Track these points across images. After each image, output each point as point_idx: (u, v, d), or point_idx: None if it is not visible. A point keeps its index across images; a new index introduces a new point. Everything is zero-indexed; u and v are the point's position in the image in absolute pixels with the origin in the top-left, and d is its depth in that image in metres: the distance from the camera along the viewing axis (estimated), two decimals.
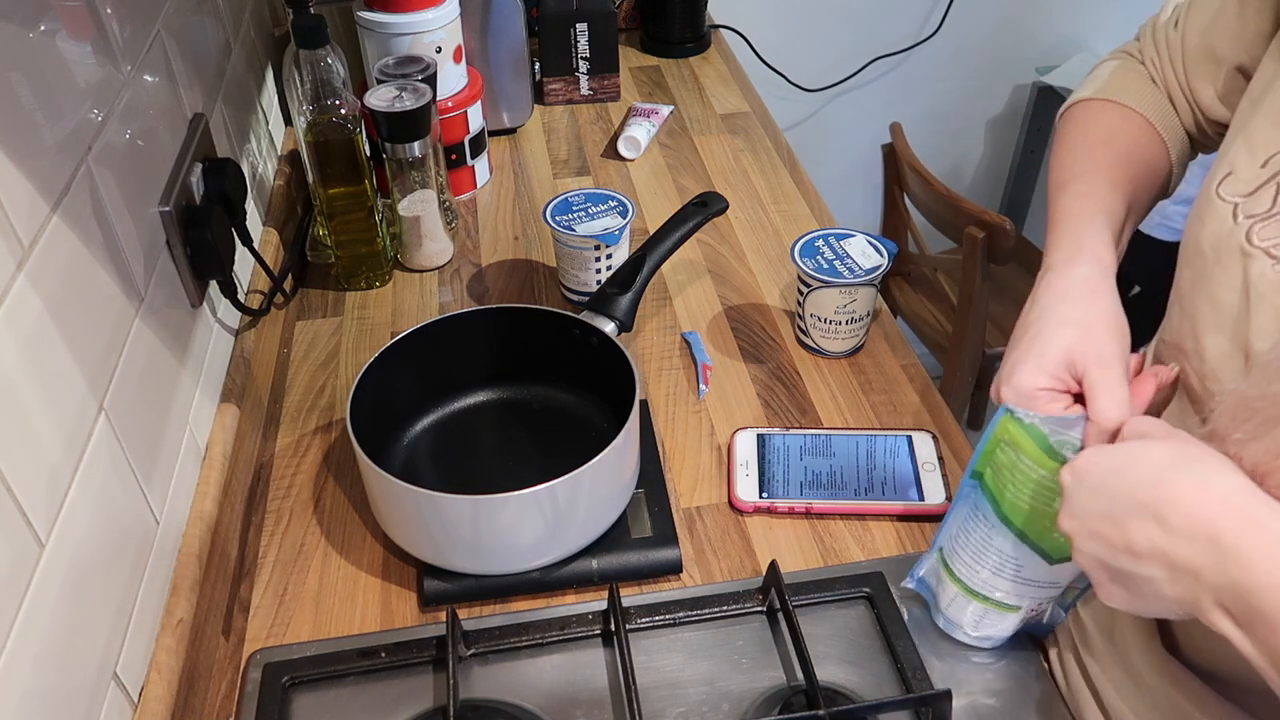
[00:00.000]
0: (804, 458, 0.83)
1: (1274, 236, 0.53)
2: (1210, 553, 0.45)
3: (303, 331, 1.01)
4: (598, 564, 0.74)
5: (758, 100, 1.44)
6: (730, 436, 0.85)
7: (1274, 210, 0.54)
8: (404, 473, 0.80)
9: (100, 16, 0.69)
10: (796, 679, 0.68)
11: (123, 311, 0.67)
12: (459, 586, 0.73)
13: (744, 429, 0.86)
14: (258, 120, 1.11)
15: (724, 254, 1.10)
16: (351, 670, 0.69)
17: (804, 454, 0.83)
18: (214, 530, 0.74)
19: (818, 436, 0.85)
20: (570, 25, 1.35)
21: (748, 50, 1.83)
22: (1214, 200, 0.58)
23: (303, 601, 0.75)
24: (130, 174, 0.71)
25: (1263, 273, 0.53)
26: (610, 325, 0.85)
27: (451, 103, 1.14)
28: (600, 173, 1.26)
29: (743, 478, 0.81)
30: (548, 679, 0.68)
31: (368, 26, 1.09)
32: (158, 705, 0.61)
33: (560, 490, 0.69)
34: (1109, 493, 0.50)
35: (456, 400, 0.87)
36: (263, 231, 1.03)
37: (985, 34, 2.07)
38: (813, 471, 0.82)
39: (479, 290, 1.06)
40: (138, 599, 0.64)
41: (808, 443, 0.84)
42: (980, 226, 1.48)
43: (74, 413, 0.58)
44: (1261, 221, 0.54)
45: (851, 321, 0.92)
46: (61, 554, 0.54)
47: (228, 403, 0.84)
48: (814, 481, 0.81)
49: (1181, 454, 0.50)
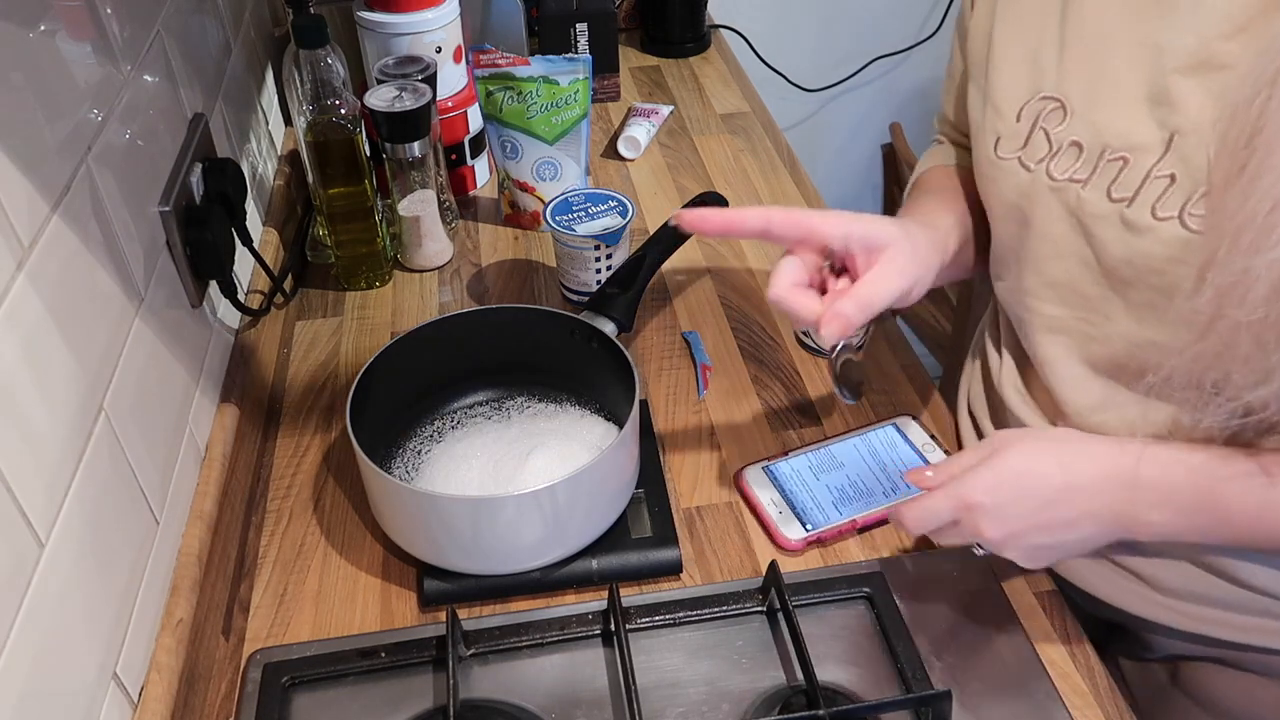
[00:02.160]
0: (819, 476, 0.81)
1: (1069, 166, 0.64)
2: (1121, 489, 0.61)
3: (303, 331, 1.01)
4: (598, 564, 0.74)
5: (758, 100, 1.44)
6: (736, 478, 0.82)
7: (1054, 148, 0.65)
8: (404, 473, 0.80)
9: (100, 16, 0.69)
10: (796, 679, 0.68)
11: (123, 311, 0.67)
12: (459, 586, 0.73)
13: (749, 466, 0.82)
14: (258, 120, 1.11)
15: (724, 254, 1.10)
16: (351, 670, 0.69)
17: (816, 472, 0.81)
18: (214, 530, 0.74)
19: (817, 451, 0.83)
20: (570, 25, 1.35)
21: (748, 50, 1.82)
22: (997, 163, 0.69)
23: (303, 601, 0.75)
24: (130, 174, 0.71)
25: (1078, 195, 0.64)
26: (610, 325, 0.85)
27: (451, 103, 1.14)
28: (600, 173, 1.26)
29: (778, 517, 0.78)
30: (548, 679, 0.68)
31: (368, 26, 1.09)
32: (158, 705, 0.61)
33: (560, 490, 0.69)
34: (1030, 493, 0.62)
35: (456, 400, 0.87)
36: (263, 231, 1.03)
37: None
38: (835, 487, 0.80)
39: (479, 290, 1.06)
40: (138, 599, 0.64)
41: (813, 460, 0.82)
42: None
43: (74, 413, 0.58)
44: (1051, 160, 0.65)
45: None
46: (61, 554, 0.54)
47: (228, 403, 0.84)
48: (842, 496, 0.79)
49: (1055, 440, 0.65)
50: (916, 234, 0.69)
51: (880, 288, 0.64)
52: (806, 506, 0.79)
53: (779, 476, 0.81)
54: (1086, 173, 0.63)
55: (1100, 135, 0.62)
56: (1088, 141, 0.63)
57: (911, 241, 0.67)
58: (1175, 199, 0.58)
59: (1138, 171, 0.60)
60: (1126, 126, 0.61)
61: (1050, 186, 0.65)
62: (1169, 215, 0.58)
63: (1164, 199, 0.59)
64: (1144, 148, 0.60)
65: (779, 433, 0.87)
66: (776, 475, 0.81)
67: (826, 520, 0.78)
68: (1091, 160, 0.63)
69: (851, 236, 0.65)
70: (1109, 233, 0.62)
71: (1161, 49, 0.59)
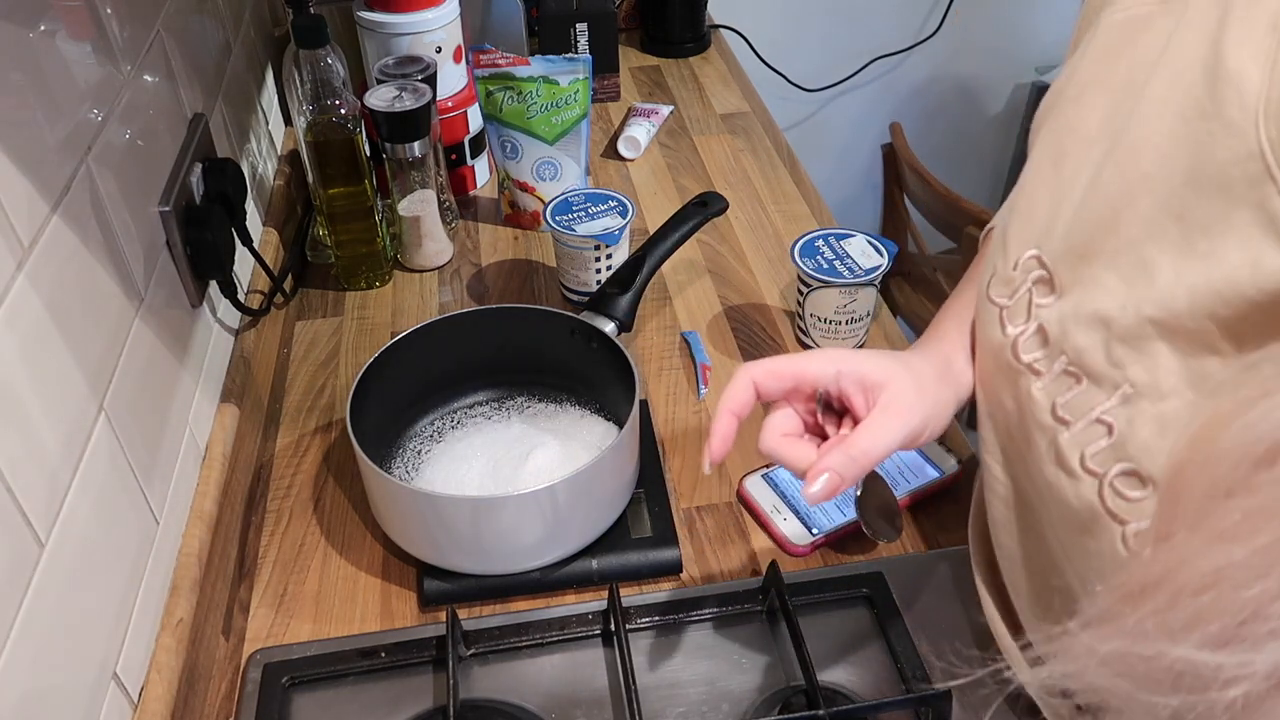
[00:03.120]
0: None
1: (1033, 351, 0.53)
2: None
3: (303, 331, 1.01)
4: (598, 564, 0.74)
5: (758, 100, 1.44)
6: (738, 485, 0.82)
7: (1029, 321, 0.54)
8: (404, 473, 0.80)
9: (100, 16, 0.69)
10: (796, 679, 0.68)
11: (123, 311, 0.67)
12: (459, 586, 0.73)
13: (748, 475, 0.82)
14: (258, 120, 1.11)
15: (724, 254, 1.10)
16: (351, 670, 0.69)
17: None
18: (214, 530, 0.74)
19: None
20: (570, 25, 1.35)
21: (748, 50, 1.82)
22: (985, 302, 0.58)
23: (303, 601, 0.75)
24: (130, 174, 0.71)
25: (1029, 389, 0.53)
26: (610, 325, 0.85)
27: (451, 103, 1.14)
28: (600, 173, 1.26)
29: (782, 524, 0.78)
30: (548, 679, 0.68)
31: (368, 26, 1.09)
32: (158, 705, 0.61)
33: (560, 490, 0.69)
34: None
35: (456, 400, 0.87)
36: (263, 231, 1.03)
37: (985, 34, 2.07)
38: None
39: (479, 290, 1.06)
40: (138, 599, 0.64)
41: None
42: (980, 226, 1.47)
43: (74, 413, 0.58)
44: (1021, 334, 0.54)
45: (851, 321, 0.92)
46: (61, 554, 0.54)
47: (228, 403, 0.84)
48: (845, 497, 0.78)
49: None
50: (921, 370, 0.60)
51: (879, 438, 0.56)
52: (810, 510, 0.79)
53: (779, 482, 0.81)
54: (1045, 368, 0.52)
55: (1064, 336, 0.50)
56: (1054, 335, 0.51)
57: (915, 379, 0.59)
58: (1104, 457, 0.48)
59: (1084, 401, 0.49)
60: (1088, 344, 0.49)
61: (1010, 364, 0.54)
62: (1096, 471, 0.48)
63: (1096, 451, 0.48)
64: (1097, 378, 0.48)
65: None
66: (777, 481, 0.81)
67: (831, 522, 0.77)
68: (1050, 358, 0.52)
69: (843, 375, 0.58)
70: (1042, 446, 0.52)
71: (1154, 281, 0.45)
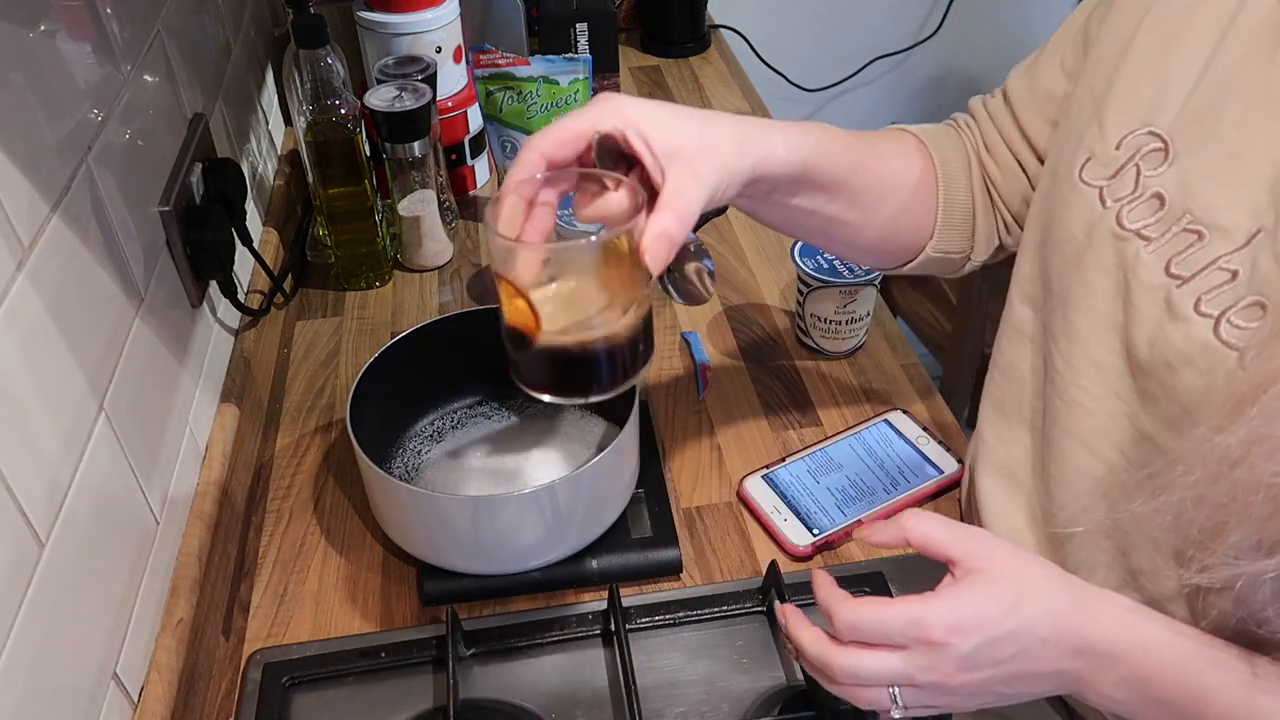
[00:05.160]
0: (819, 479, 0.81)
1: (1143, 218, 0.57)
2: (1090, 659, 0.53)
3: (303, 331, 1.01)
4: (598, 564, 0.74)
5: (758, 100, 1.44)
6: (738, 486, 0.82)
7: (1138, 192, 0.57)
8: (404, 473, 0.80)
9: (100, 16, 0.69)
10: (796, 679, 0.68)
11: (123, 311, 0.67)
12: (459, 586, 0.73)
13: (748, 476, 0.82)
14: (258, 120, 1.11)
15: (724, 254, 1.10)
16: (351, 670, 0.69)
17: (816, 475, 0.81)
18: (214, 530, 0.74)
19: (814, 454, 0.83)
20: (570, 25, 1.35)
21: (748, 50, 1.82)
22: (1078, 186, 0.61)
23: (303, 601, 0.75)
24: (130, 174, 0.71)
25: (1137, 254, 0.56)
26: None
27: (451, 103, 1.14)
28: None
29: (783, 524, 0.78)
30: (548, 679, 0.68)
31: (368, 26, 1.09)
32: (158, 705, 0.61)
33: (560, 490, 0.69)
34: (1012, 638, 0.52)
35: (456, 400, 0.87)
36: (263, 231, 1.03)
37: (985, 34, 2.07)
38: (835, 488, 0.80)
39: (479, 290, 1.06)
40: (138, 599, 0.64)
41: (811, 463, 0.82)
42: None
43: (74, 413, 0.58)
44: (1128, 204, 0.58)
45: (851, 321, 0.92)
46: (61, 554, 0.54)
47: (228, 403, 0.84)
48: (844, 498, 0.79)
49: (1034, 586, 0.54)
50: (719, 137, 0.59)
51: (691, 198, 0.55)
52: (810, 511, 0.79)
53: (779, 483, 0.81)
54: (1158, 232, 0.56)
55: (1188, 197, 0.55)
56: (1173, 199, 0.56)
57: (707, 147, 0.58)
58: (1224, 298, 0.52)
59: (1206, 254, 0.53)
60: (1220, 201, 0.53)
61: (1114, 233, 0.58)
62: (1210, 313, 0.52)
63: (1214, 294, 0.52)
64: (1225, 231, 0.53)
65: (779, 433, 0.87)
66: (777, 482, 0.81)
67: (832, 523, 0.77)
68: (1168, 221, 0.55)
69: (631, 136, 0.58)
70: (1147, 307, 0.55)
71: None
